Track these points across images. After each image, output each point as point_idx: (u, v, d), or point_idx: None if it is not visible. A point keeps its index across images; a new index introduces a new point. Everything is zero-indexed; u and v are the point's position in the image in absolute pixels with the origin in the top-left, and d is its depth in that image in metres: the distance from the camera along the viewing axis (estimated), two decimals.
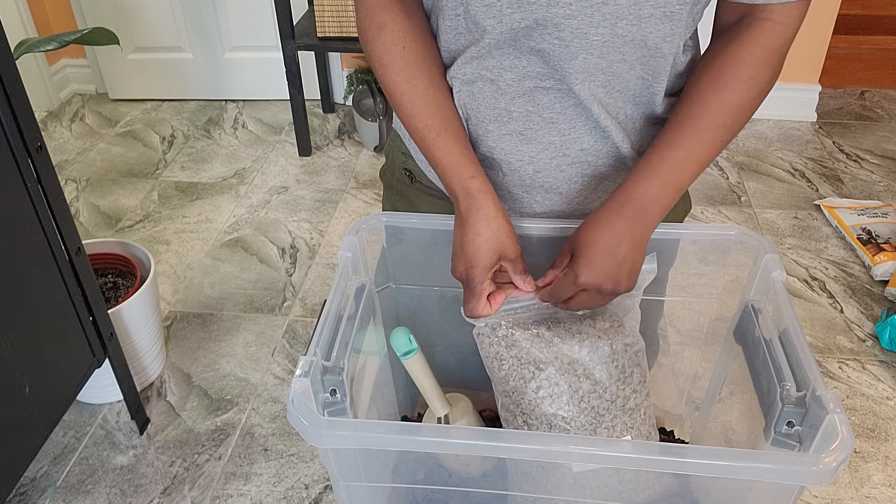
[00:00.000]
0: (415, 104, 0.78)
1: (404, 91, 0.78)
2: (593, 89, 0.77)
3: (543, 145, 0.81)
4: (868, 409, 1.54)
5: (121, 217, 2.18)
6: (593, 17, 0.71)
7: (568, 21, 0.71)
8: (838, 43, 2.64)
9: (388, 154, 0.99)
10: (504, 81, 0.78)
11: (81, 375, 1.30)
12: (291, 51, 2.24)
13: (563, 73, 0.75)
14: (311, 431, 0.62)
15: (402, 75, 0.78)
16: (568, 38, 0.73)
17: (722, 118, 0.75)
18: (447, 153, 0.78)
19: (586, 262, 0.74)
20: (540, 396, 0.74)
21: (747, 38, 0.75)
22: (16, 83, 1.05)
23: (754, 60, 0.75)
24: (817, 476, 0.57)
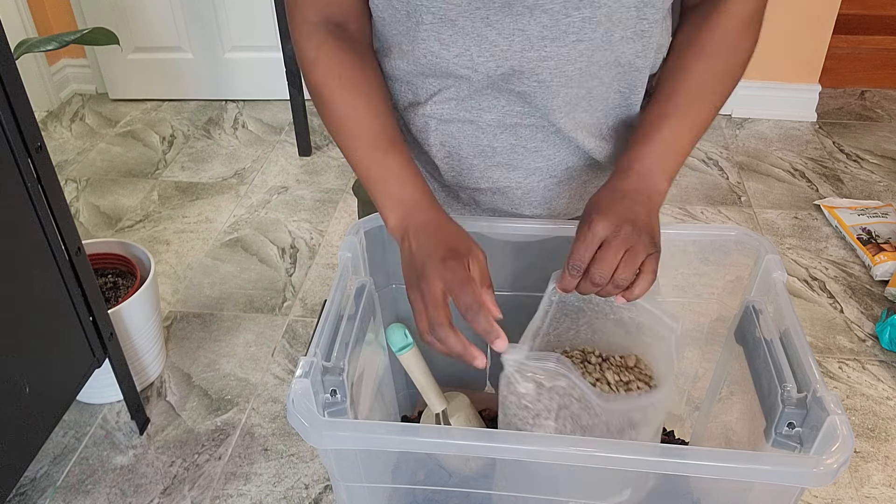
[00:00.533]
0: (358, 125, 0.75)
1: (344, 116, 0.75)
2: (575, 117, 0.78)
3: (530, 171, 0.81)
4: (868, 409, 1.54)
5: (121, 217, 2.18)
6: (569, 54, 0.71)
7: (545, 63, 0.71)
8: (838, 43, 2.63)
9: None
10: (484, 122, 0.78)
11: (81, 375, 1.30)
12: (291, 51, 2.24)
13: (546, 110, 0.76)
14: (312, 432, 0.61)
15: (342, 104, 0.75)
16: (547, 80, 0.73)
17: (711, 84, 0.77)
18: (392, 167, 0.75)
19: (596, 212, 0.70)
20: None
21: (725, 10, 0.75)
22: (16, 83, 1.05)
23: (734, 29, 0.76)
24: (818, 477, 0.57)
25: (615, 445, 0.61)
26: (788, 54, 2.52)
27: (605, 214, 0.70)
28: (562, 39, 0.69)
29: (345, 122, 0.76)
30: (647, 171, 0.73)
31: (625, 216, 0.69)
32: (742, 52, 0.78)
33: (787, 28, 2.45)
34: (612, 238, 0.68)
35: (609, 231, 0.69)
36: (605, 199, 0.72)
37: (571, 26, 0.69)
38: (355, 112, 0.75)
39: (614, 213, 0.70)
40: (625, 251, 0.68)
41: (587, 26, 0.69)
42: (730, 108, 2.65)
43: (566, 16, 0.68)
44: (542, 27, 0.69)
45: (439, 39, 0.71)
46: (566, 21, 0.68)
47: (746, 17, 0.76)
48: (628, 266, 0.69)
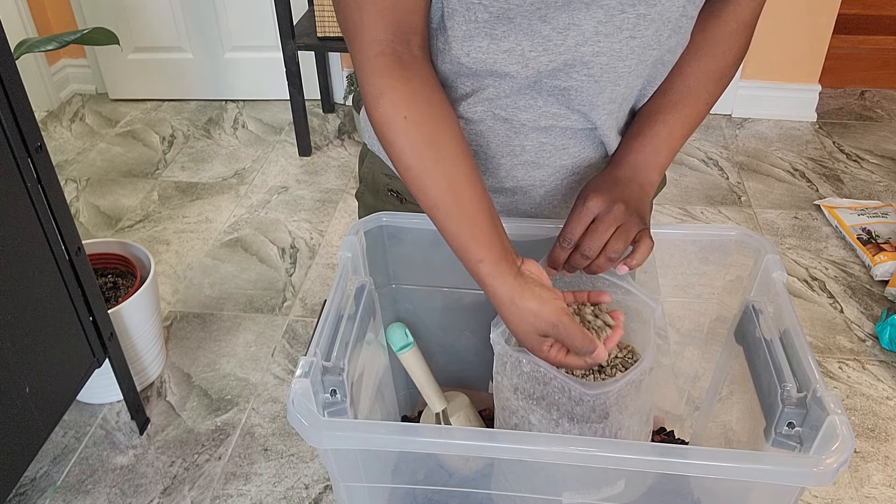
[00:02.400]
0: (422, 181, 0.71)
1: (410, 167, 0.71)
2: (615, 115, 0.78)
3: (555, 169, 0.82)
4: (868, 409, 1.54)
5: (121, 217, 2.18)
6: (622, 50, 0.71)
7: (597, 58, 0.71)
8: (838, 43, 2.64)
9: (366, 177, 0.95)
10: (519, 121, 0.77)
11: (81, 375, 1.30)
12: (291, 51, 2.24)
13: (589, 107, 0.76)
14: (312, 432, 0.61)
15: (407, 151, 0.71)
16: (598, 74, 0.73)
17: (705, 83, 0.80)
18: (456, 236, 0.71)
19: (590, 191, 0.75)
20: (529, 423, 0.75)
21: (724, 16, 0.78)
22: (16, 83, 1.05)
23: (731, 34, 0.79)
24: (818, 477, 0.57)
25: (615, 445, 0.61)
26: (788, 54, 2.52)
27: (598, 193, 0.74)
28: (615, 35, 0.70)
29: (409, 175, 0.72)
30: (640, 162, 0.78)
31: (618, 197, 0.74)
32: (736, 53, 0.80)
33: (787, 28, 2.45)
34: (605, 214, 0.74)
35: (602, 208, 0.74)
36: (599, 183, 0.77)
37: (626, 22, 0.69)
38: (419, 165, 0.71)
39: (608, 193, 0.74)
40: (616, 227, 0.73)
41: (641, 23, 0.69)
42: (730, 107, 2.65)
43: (621, 12, 0.68)
44: (596, 22, 0.69)
45: (491, 35, 0.70)
46: (621, 17, 0.68)
47: (745, 24, 0.80)
48: (620, 239, 0.73)
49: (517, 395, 0.75)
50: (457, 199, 0.71)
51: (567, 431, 0.73)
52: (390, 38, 0.69)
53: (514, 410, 0.77)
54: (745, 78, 2.60)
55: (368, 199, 0.95)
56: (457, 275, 0.85)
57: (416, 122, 0.70)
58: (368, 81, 0.70)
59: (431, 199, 0.71)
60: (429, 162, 0.70)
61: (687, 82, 0.80)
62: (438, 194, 0.71)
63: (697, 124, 0.81)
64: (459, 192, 0.71)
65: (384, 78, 0.70)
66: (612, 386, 0.70)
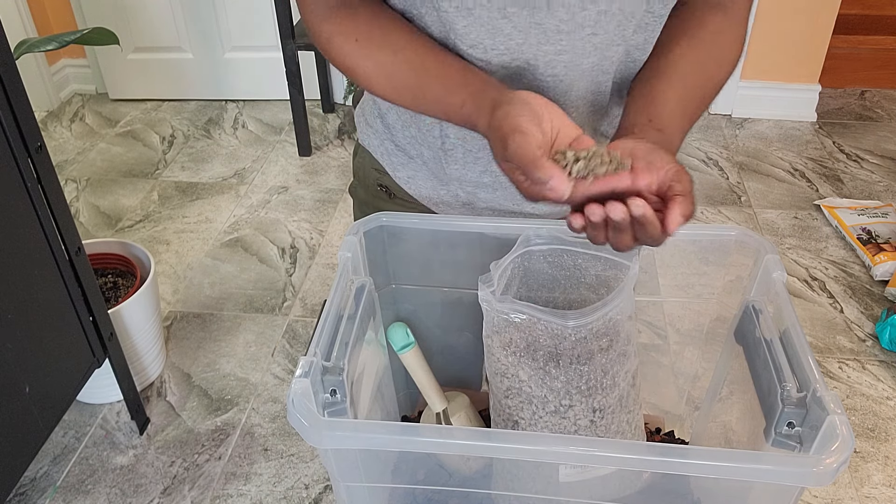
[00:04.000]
0: (391, 80, 0.71)
1: (371, 75, 0.72)
2: (584, 113, 0.78)
3: None
4: (868, 409, 1.54)
5: (121, 217, 2.18)
6: (584, 48, 0.71)
7: (560, 57, 0.71)
8: (838, 43, 2.64)
9: (357, 171, 0.96)
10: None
11: (81, 375, 1.30)
12: (291, 51, 2.24)
13: (560, 105, 0.76)
14: (312, 432, 0.61)
15: (365, 62, 0.72)
16: (561, 74, 0.73)
17: (707, 69, 0.78)
18: (436, 101, 0.70)
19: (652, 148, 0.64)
20: (511, 402, 0.75)
21: (714, 21, 0.77)
22: (16, 83, 1.05)
23: (731, 42, 0.79)
24: (818, 477, 0.57)
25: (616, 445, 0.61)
26: (788, 54, 2.52)
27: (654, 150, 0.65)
28: (577, 33, 0.70)
29: (375, 85, 0.73)
30: (664, 126, 0.70)
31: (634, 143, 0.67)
32: (733, 53, 0.79)
33: (787, 28, 2.45)
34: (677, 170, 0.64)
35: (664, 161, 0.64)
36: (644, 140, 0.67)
37: (587, 20, 0.69)
38: (377, 66, 0.71)
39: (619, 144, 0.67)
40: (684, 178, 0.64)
41: (602, 20, 0.69)
42: (730, 107, 2.65)
43: (582, 9, 0.68)
44: (558, 21, 0.69)
45: (454, 30, 0.71)
46: (582, 14, 0.69)
47: (741, 30, 0.79)
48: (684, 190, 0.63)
49: (507, 351, 0.76)
50: (424, 71, 0.70)
51: (554, 378, 0.73)
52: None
53: (504, 372, 0.77)
54: (744, 78, 2.60)
55: (360, 194, 0.96)
56: (457, 275, 0.85)
57: (367, 36, 0.71)
58: (317, 30, 0.73)
59: (404, 92, 0.71)
60: (387, 58, 0.71)
61: (694, 60, 0.75)
62: (405, 80, 0.71)
63: (705, 106, 0.76)
64: (423, 65, 0.70)
65: (330, 20, 0.72)
66: (591, 315, 0.71)
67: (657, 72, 0.75)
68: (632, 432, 0.79)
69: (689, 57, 0.75)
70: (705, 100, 0.76)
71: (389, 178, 0.91)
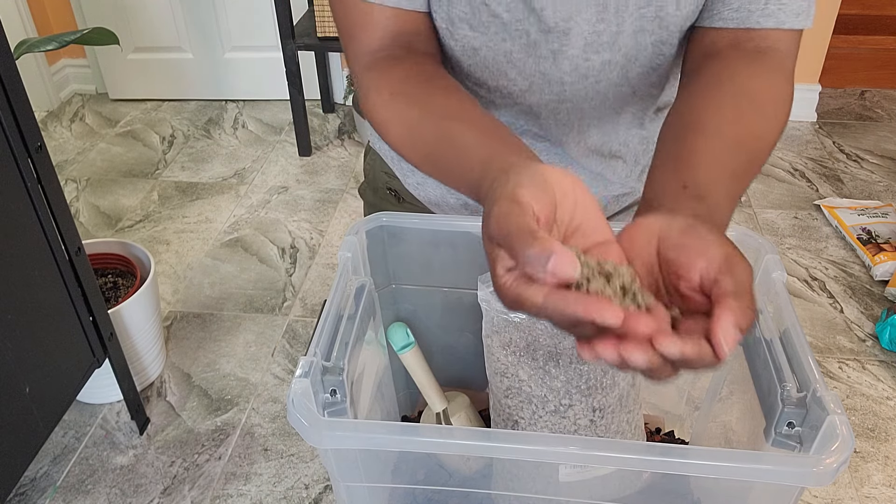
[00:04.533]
0: (413, 139, 0.62)
1: (394, 132, 0.64)
2: (586, 143, 0.78)
3: None
4: (868, 409, 1.54)
5: (121, 217, 2.18)
6: (587, 94, 0.71)
7: (562, 104, 0.71)
8: (838, 43, 2.64)
9: (368, 172, 0.95)
10: None
11: (81, 375, 1.30)
12: (291, 51, 2.24)
13: (557, 140, 0.76)
14: (311, 432, 0.61)
15: (392, 117, 0.63)
16: (563, 119, 0.73)
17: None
18: (448, 171, 0.58)
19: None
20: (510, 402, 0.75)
21: (768, 70, 0.63)
22: (16, 83, 1.05)
23: (777, 93, 0.63)
24: (818, 477, 0.57)
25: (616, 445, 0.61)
26: None
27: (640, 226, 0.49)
28: (581, 83, 0.69)
29: (399, 147, 0.64)
30: (704, 192, 0.53)
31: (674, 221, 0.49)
32: (782, 107, 0.63)
33: None
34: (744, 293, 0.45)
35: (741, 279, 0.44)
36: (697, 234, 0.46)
37: (591, 70, 0.68)
38: (403, 128, 0.62)
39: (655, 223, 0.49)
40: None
41: (606, 68, 0.69)
42: None
43: (586, 59, 0.67)
44: (562, 72, 0.68)
45: (459, 66, 0.70)
46: (586, 65, 0.68)
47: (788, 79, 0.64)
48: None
49: (506, 351, 0.76)
50: (446, 136, 0.58)
51: (554, 378, 0.73)
52: (387, 45, 0.67)
53: (504, 371, 0.77)
54: None
55: (369, 196, 0.96)
56: (457, 275, 0.85)
57: (401, 91, 0.63)
58: (358, 79, 0.68)
59: (421, 155, 0.61)
60: (414, 119, 0.61)
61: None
62: (425, 140, 0.60)
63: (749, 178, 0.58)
64: (447, 128, 0.58)
65: (373, 72, 0.66)
66: None
67: (689, 126, 0.59)
68: (632, 432, 0.79)
69: (728, 109, 0.60)
70: (754, 162, 0.59)
71: (399, 182, 0.91)
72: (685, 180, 0.54)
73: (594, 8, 0.64)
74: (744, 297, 0.42)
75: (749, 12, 0.63)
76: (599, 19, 0.65)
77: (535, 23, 0.65)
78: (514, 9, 0.65)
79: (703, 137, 0.57)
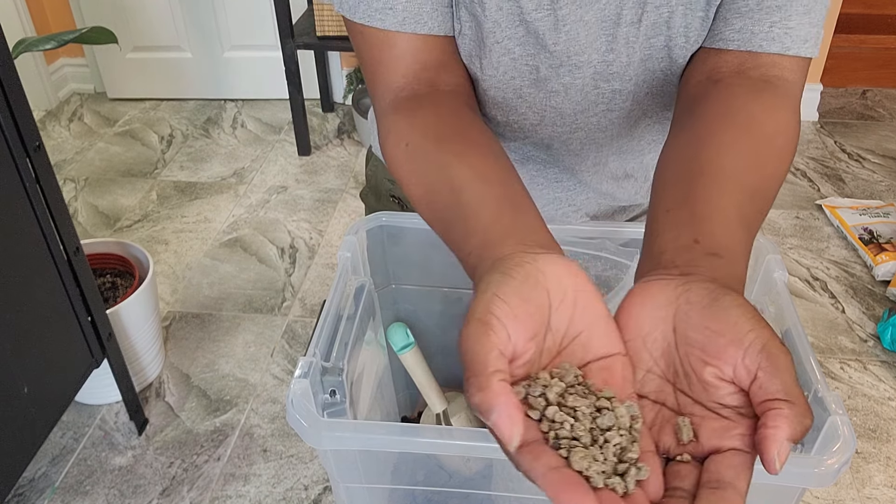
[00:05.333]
0: (430, 203, 0.57)
1: (414, 194, 0.59)
2: (602, 171, 0.78)
3: (549, 199, 0.81)
4: (869, 410, 1.54)
5: (119, 217, 2.17)
6: (600, 122, 0.70)
7: (575, 134, 0.71)
8: (840, 42, 2.63)
9: (370, 178, 0.94)
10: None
11: (80, 376, 1.30)
12: (291, 50, 2.23)
13: (573, 171, 0.75)
14: (311, 433, 0.61)
15: (410, 176, 0.59)
16: (577, 149, 0.72)
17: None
18: (453, 243, 0.53)
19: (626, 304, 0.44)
20: None
21: (772, 101, 0.58)
22: (14, 82, 1.05)
23: (786, 126, 0.58)
24: (819, 478, 0.56)
25: None
26: None
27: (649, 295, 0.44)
28: (591, 110, 0.69)
29: (413, 199, 0.59)
30: (719, 247, 0.47)
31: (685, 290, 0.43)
32: (791, 141, 0.59)
33: None
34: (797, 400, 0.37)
35: (789, 386, 0.37)
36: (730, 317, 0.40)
37: (601, 97, 0.68)
38: (417, 184, 0.58)
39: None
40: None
41: (617, 97, 0.68)
42: None
43: (595, 87, 0.67)
44: (574, 103, 0.68)
45: (473, 99, 0.68)
46: (595, 93, 0.67)
47: (795, 108, 0.60)
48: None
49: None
50: (459, 203, 0.53)
51: None
52: (410, 82, 0.64)
53: None
54: None
55: (371, 201, 0.96)
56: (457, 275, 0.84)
57: (420, 146, 0.59)
58: (380, 121, 0.64)
59: (436, 222, 0.56)
60: (429, 177, 0.56)
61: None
62: (442, 206, 0.55)
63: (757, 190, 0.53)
64: (461, 196, 0.53)
65: (392, 114, 0.62)
66: None
67: (697, 170, 0.52)
68: None
69: (740, 148, 0.54)
70: (765, 207, 0.54)
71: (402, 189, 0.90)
72: (697, 234, 0.47)
73: (604, 38, 0.64)
74: (796, 401, 0.36)
75: (752, 34, 0.59)
76: (609, 49, 0.64)
77: (545, 59, 0.65)
78: (525, 43, 0.64)
79: (715, 184, 0.51)
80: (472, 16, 0.63)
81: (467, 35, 0.65)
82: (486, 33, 0.63)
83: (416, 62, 0.63)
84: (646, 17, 0.62)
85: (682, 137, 0.57)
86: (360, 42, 0.64)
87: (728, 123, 0.55)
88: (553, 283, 0.41)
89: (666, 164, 0.56)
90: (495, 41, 0.64)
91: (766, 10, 0.58)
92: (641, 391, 0.42)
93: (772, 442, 0.35)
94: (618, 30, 0.63)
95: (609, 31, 0.63)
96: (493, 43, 0.64)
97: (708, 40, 0.63)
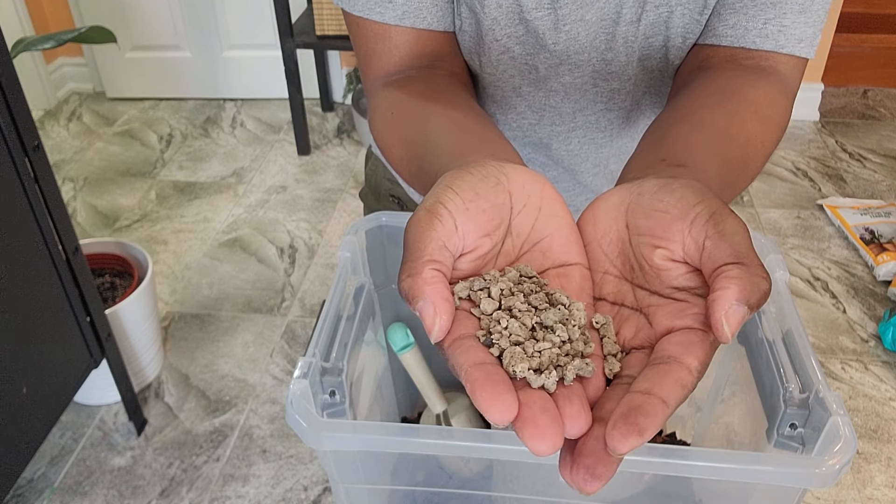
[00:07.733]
0: (405, 160, 0.56)
1: (390, 148, 0.58)
2: (602, 172, 0.78)
3: None
4: (871, 410, 1.53)
5: (118, 217, 2.17)
6: (598, 122, 0.70)
7: (573, 133, 0.71)
8: (841, 41, 2.63)
9: (369, 178, 0.94)
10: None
11: (79, 376, 1.30)
12: (290, 49, 2.23)
13: (573, 171, 0.75)
14: (310, 433, 0.61)
15: (391, 135, 0.57)
16: (576, 149, 0.72)
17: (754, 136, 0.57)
18: (423, 174, 0.51)
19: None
20: None
21: (765, 86, 0.57)
22: (13, 82, 1.05)
23: (775, 100, 0.57)
24: (820, 479, 0.56)
25: None
26: None
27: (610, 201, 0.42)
28: (590, 109, 0.69)
29: (391, 157, 0.58)
30: (684, 160, 0.46)
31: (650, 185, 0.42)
32: (780, 114, 0.58)
33: None
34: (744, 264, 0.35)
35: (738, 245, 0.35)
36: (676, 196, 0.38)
37: (599, 96, 0.68)
38: (399, 139, 0.56)
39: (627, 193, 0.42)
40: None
41: (615, 97, 0.68)
42: None
43: (594, 86, 0.67)
44: (572, 102, 0.68)
45: (471, 85, 0.68)
46: (594, 92, 0.67)
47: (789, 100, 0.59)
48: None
49: None
50: (432, 141, 0.51)
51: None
52: (405, 67, 0.63)
53: None
54: None
55: (371, 201, 0.96)
56: None
57: (403, 109, 0.57)
58: (369, 102, 0.64)
59: (407, 161, 0.55)
60: (411, 131, 0.55)
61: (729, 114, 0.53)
62: (413, 145, 0.53)
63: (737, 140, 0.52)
64: (436, 136, 0.51)
65: (381, 93, 0.62)
66: None
67: (676, 119, 0.52)
68: None
69: (720, 107, 0.53)
70: (747, 162, 0.52)
71: (402, 189, 0.90)
72: (664, 155, 0.46)
73: (603, 37, 0.64)
74: (747, 262, 0.33)
75: (745, 30, 0.58)
76: (608, 48, 0.64)
77: (544, 59, 0.65)
78: (524, 42, 0.64)
79: (689, 126, 0.50)
80: (472, 12, 0.63)
81: (467, 31, 0.64)
82: (485, 31, 0.63)
83: (412, 54, 0.62)
84: (645, 16, 0.62)
85: (665, 111, 0.56)
86: (357, 33, 0.63)
87: (712, 90, 0.55)
88: (516, 187, 0.40)
89: (650, 126, 0.55)
90: (494, 39, 0.64)
91: (760, 7, 0.58)
92: (599, 294, 0.41)
93: (719, 304, 0.32)
94: (617, 29, 0.63)
95: (608, 30, 0.63)
96: (492, 41, 0.64)
97: (701, 37, 0.63)
